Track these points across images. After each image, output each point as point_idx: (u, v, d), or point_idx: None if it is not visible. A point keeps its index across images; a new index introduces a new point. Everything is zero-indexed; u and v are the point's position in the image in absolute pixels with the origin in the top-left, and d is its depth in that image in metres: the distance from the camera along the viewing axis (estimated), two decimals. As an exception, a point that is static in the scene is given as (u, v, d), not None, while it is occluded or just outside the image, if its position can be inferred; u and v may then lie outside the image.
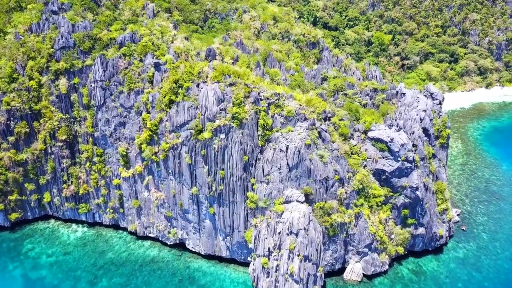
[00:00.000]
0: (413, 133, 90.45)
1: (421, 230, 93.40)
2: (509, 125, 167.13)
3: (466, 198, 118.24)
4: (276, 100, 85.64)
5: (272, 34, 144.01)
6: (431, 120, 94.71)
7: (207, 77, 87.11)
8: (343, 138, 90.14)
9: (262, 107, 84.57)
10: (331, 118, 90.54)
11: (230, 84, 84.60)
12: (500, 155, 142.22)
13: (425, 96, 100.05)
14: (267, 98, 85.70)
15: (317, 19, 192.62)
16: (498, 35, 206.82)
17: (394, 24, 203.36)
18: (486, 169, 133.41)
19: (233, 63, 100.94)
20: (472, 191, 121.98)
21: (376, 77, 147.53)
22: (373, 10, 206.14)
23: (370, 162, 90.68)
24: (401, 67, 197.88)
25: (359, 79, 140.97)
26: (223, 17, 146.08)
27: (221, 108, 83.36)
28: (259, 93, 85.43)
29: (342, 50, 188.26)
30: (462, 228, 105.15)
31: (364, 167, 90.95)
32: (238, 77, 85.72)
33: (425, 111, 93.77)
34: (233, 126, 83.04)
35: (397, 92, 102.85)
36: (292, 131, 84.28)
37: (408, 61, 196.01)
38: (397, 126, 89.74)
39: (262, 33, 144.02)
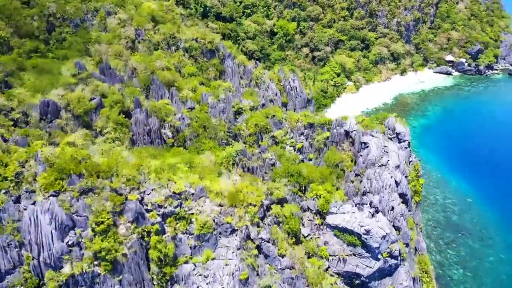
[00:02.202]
0: (392, 210, 59.63)
1: (410, 337, 64.98)
2: (436, 121, 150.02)
3: (430, 241, 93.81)
4: (175, 207, 47.29)
5: (154, 43, 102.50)
6: (406, 177, 64.85)
7: (34, 180, 45.13)
8: (293, 237, 55.78)
9: (153, 225, 45.82)
10: (271, 206, 55.19)
11: (83, 192, 44.06)
12: (442, 166, 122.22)
13: (390, 138, 69.71)
14: (159, 206, 46.93)
15: (208, 9, 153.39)
16: (406, 15, 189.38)
17: (297, 9, 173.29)
18: (436, 190, 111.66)
19: (91, 119, 59.94)
20: (433, 227, 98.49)
21: (296, 88, 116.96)
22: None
23: (335, 262, 58.31)
24: (311, 60, 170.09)
25: (276, 95, 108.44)
26: (77, 23, 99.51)
27: (70, 242, 42.99)
28: (141, 200, 46.29)
29: (243, 46, 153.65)
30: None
31: (326, 271, 58.35)
32: (98, 175, 45.26)
33: (398, 166, 63.33)
34: (100, 273, 43.47)
35: (346, 132, 70.91)
36: (213, 258, 47.25)
37: (318, 52, 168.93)
38: (370, 205, 57.84)
39: (139, 42, 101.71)
